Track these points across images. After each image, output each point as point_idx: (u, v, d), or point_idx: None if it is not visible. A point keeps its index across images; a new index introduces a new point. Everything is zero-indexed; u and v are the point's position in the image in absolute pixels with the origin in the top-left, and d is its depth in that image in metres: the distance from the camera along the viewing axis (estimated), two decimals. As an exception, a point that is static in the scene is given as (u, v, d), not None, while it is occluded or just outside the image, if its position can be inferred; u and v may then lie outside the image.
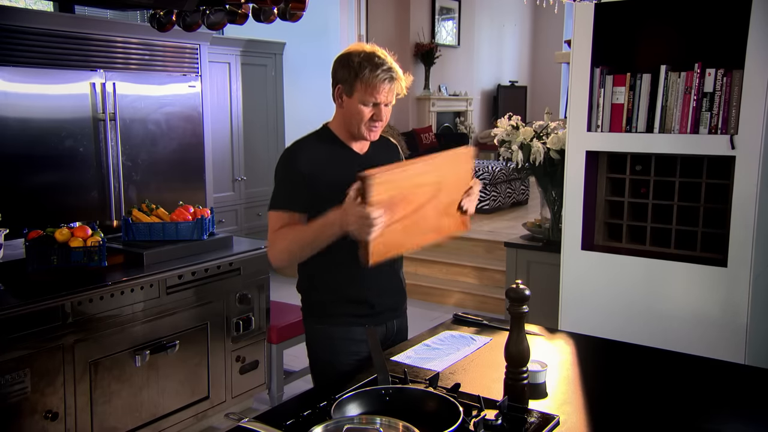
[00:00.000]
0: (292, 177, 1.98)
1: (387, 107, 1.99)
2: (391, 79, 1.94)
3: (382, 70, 1.92)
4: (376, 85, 1.92)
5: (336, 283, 2.04)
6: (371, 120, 1.97)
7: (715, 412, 1.69)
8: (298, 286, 2.14)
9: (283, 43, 6.20)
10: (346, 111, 1.99)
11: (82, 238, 2.86)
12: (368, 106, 1.95)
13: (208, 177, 4.54)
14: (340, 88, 1.98)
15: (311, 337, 2.12)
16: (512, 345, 1.63)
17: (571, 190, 3.11)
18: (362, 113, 1.96)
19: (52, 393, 2.59)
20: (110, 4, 2.99)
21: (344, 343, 2.03)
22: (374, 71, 1.91)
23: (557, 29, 10.25)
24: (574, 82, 3.05)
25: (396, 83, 1.96)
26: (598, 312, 3.06)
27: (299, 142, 2.06)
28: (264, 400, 3.63)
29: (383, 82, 1.92)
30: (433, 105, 10.01)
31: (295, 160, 2.00)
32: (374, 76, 1.91)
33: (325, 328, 2.06)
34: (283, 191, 1.99)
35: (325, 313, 2.06)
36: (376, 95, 1.93)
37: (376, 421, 1.40)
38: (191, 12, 2.36)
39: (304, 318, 2.15)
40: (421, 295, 5.74)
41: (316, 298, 2.08)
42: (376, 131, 2.01)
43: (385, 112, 1.98)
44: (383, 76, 1.92)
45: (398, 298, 2.17)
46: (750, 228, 2.70)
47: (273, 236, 1.96)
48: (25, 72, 3.44)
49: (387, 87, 1.93)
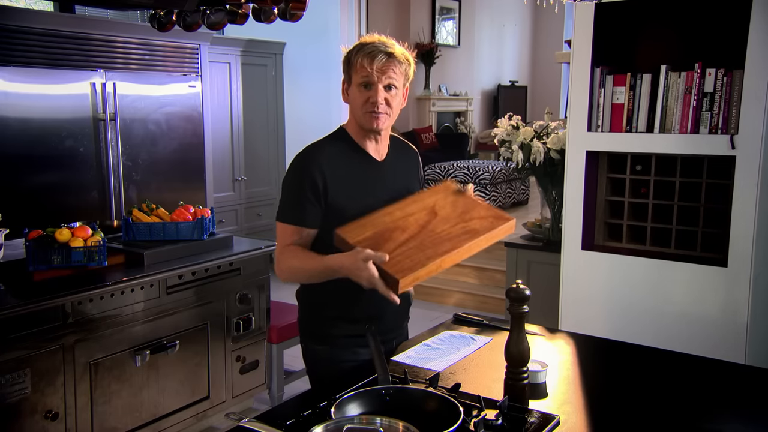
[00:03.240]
0: (305, 186, 1.86)
1: (390, 92, 1.86)
2: (384, 55, 1.83)
3: (372, 45, 1.85)
4: (365, 63, 1.83)
5: (340, 303, 1.94)
6: (370, 104, 1.85)
7: (716, 412, 1.69)
8: (298, 297, 2.06)
9: (283, 43, 6.20)
10: (350, 103, 1.91)
11: (82, 238, 2.86)
12: (364, 89, 1.85)
13: (209, 177, 4.54)
14: (343, 83, 1.93)
15: (309, 359, 2.03)
16: (512, 345, 1.63)
17: (572, 190, 3.11)
18: (359, 98, 1.87)
19: (53, 393, 2.59)
20: (110, 4, 2.99)
21: (347, 365, 1.95)
22: (363, 50, 1.85)
23: (557, 29, 10.25)
24: (574, 82, 3.04)
25: (393, 62, 1.84)
26: (598, 312, 3.06)
27: (314, 147, 1.93)
28: (264, 400, 3.63)
29: (372, 58, 1.82)
30: (433, 105, 10.01)
31: (310, 168, 1.87)
32: (364, 53, 1.84)
33: (325, 350, 1.97)
34: (293, 202, 1.88)
35: (326, 334, 1.97)
36: (366, 74, 1.83)
37: (376, 421, 1.40)
38: (191, 12, 2.35)
39: (302, 337, 2.05)
40: (421, 295, 5.74)
41: (315, 318, 1.99)
42: (379, 119, 1.87)
43: (382, 94, 1.85)
44: (372, 50, 1.83)
45: (402, 316, 2.12)
46: (750, 228, 2.70)
47: (281, 252, 1.87)
48: (26, 72, 3.44)
49: (379, 64, 1.82)
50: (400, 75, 1.88)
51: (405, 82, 1.92)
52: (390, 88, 1.87)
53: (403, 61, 1.88)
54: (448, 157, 8.44)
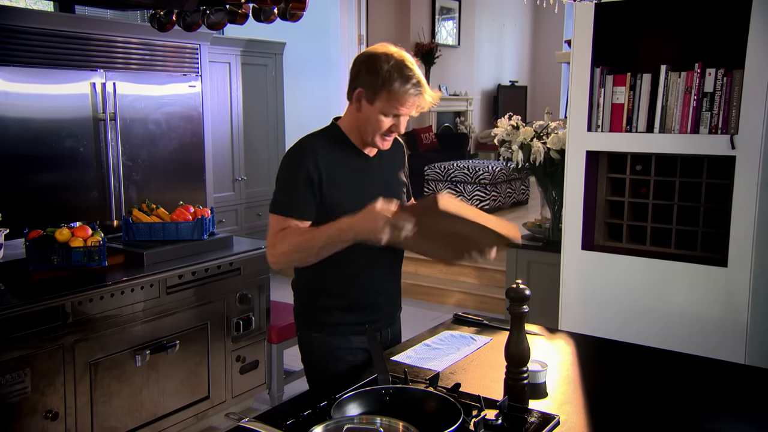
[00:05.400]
0: (301, 179, 1.85)
1: (405, 118, 1.90)
2: (419, 94, 1.84)
3: (412, 84, 1.82)
4: (403, 99, 1.82)
5: (335, 290, 1.98)
6: (390, 132, 1.89)
7: (715, 412, 1.69)
8: (293, 286, 2.08)
9: (283, 43, 6.20)
10: (363, 117, 1.88)
11: (82, 237, 2.86)
12: (389, 117, 1.85)
13: (209, 177, 4.54)
14: (360, 92, 1.86)
15: (305, 347, 2.06)
16: (512, 345, 1.63)
17: (571, 190, 3.11)
18: (381, 123, 1.86)
19: (52, 393, 2.59)
20: (110, 4, 3.00)
21: (341, 353, 1.98)
22: (404, 85, 1.81)
23: (557, 29, 10.24)
24: (574, 82, 3.04)
25: (421, 97, 1.86)
26: (598, 312, 3.06)
27: (309, 140, 1.93)
28: (264, 400, 3.63)
29: (411, 97, 1.83)
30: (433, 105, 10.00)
31: (305, 160, 1.87)
32: (404, 90, 1.81)
33: (321, 338, 2.00)
34: (288, 194, 1.87)
35: (321, 322, 1.99)
36: (399, 108, 1.83)
37: (376, 421, 1.40)
38: (191, 12, 2.36)
39: (297, 325, 2.08)
40: (421, 295, 5.74)
41: (311, 306, 2.01)
42: (389, 141, 1.93)
43: (403, 124, 1.90)
44: (413, 92, 1.82)
45: (395, 306, 2.14)
46: (750, 228, 2.70)
47: (273, 238, 1.86)
48: (26, 72, 3.44)
49: (412, 101, 1.84)
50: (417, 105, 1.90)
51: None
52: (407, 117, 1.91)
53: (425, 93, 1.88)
54: (448, 157, 8.44)
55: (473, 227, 1.71)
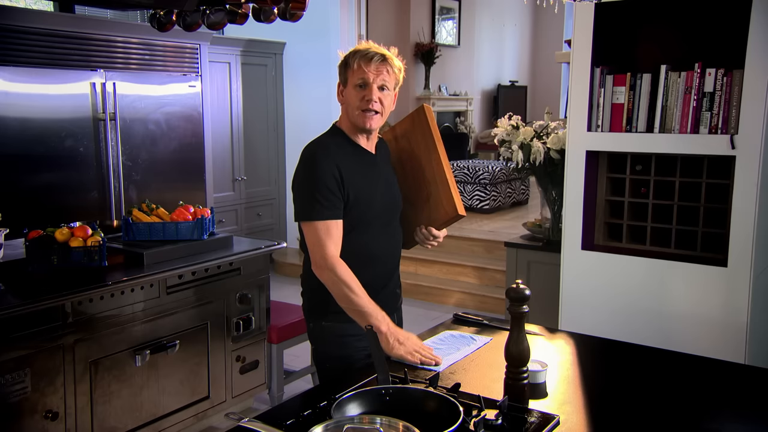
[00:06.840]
0: (326, 180, 1.95)
1: (383, 92, 2.01)
2: (379, 57, 2.00)
3: (367, 53, 2.00)
4: (362, 64, 1.99)
5: None
6: (365, 101, 1.99)
7: (716, 412, 1.69)
8: (303, 279, 2.14)
9: (283, 43, 6.21)
10: (345, 102, 2.05)
11: (82, 237, 2.86)
12: (359, 89, 2.00)
13: (208, 177, 4.54)
14: (338, 85, 2.08)
15: (317, 335, 2.11)
16: (512, 345, 1.63)
17: (571, 190, 3.11)
18: (355, 97, 2.01)
19: (52, 393, 2.59)
20: (110, 4, 2.99)
21: (353, 339, 2.05)
22: (361, 56, 2.00)
23: (557, 29, 10.25)
24: (574, 82, 3.05)
25: (386, 65, 2.00)
26: (598, 312, 3.06)
27: (320, 143, 2.06)
28: (264, 400, 3.63)
29: (368, 61, 1.99)
30: (433, 105, 10.00)
31: (325, 163, 1.98)
32: (360, 56, 2.00)
33: (333, 325, 2.06)
34: (318, 197, 1.95)
35: (333, 311, 2.03)
36: (362, 75, 1.98)
37: (376, 421, 1.40)
38: (191, 12, 2.35)
39: (308, 317, 2.14)
40: (421, 295, 5.75)
41: (324, 296, 2.03)
42: (372, 118, 2.02)
43: (376, 93, 2.00)
44: (368, 54, 2.00)
45: (398, 292, 2.24)
46: (750, 228, 2.70)
47: (334, 257, 1.94)
48: (26, 72, 3.44)
49: (374, 67, 1.99)
50: (392, 78, 2.05)
51: (395, 85, 2.07)
52: (383, 89, 2.03)
53: (395, 65, 2.05)
54: (448, 157, 8.43)
55: (439, 175, 2.09)
